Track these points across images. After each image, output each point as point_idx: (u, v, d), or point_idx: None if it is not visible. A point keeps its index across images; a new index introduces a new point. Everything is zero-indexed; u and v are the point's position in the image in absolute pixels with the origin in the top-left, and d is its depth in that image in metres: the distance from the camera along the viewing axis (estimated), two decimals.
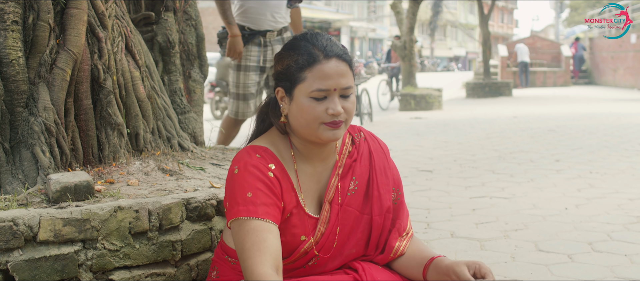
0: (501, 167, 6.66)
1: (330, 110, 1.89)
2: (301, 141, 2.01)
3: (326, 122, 1.91)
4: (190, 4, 4.06)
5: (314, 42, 1.96)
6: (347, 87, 1.93)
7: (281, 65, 1.98)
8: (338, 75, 1.92)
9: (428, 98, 15.60)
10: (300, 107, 1.91)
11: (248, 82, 5.24)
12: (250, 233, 1.83)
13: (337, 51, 1.95)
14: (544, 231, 4.06)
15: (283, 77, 1.96)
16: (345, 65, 1.95)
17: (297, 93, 1.92)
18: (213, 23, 37.71)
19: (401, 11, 16.84)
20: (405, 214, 2.20)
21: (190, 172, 2.95)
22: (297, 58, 1.93)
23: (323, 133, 1.92)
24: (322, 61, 1.92)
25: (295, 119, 1.94)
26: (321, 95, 1.90)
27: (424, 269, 2.03)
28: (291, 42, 2.01)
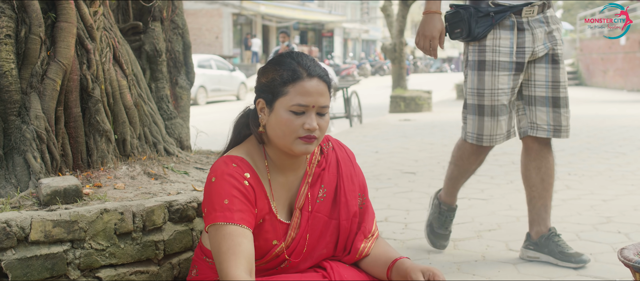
0: (483, 169, 6.81)
1: (306, 124, 2.06)
2: (275, 152, 2.17)
3: (301, 136, 2.07)
4: (177, 13, 4.22)
5: (299, 61, 2.13)
6: (324, 106, 2.11)
7: (265, 78, 2.14)
8: (318, 93, 2.08)
9: (418, 100, 15.79)
10: (279, 119, 2.08)
11: (498, 87, 3.51)
12: (227, 238, 2.00)
13: (319, 72, 2.13)
14: (516, 232, 4.24)
15: (266, 89, 2.13)
16: (325, 86, 2.12)
17: (278, 106, 2.08)
18: (206, 24, 37.90)
19: (391, 14, 17.04)
20: (371, 217, 2.35)
21: (175, 175, 3.12)
22: (282, 73, 2.10)
23: (297, 146, 2.09)
24: (304, 79, 2.08)
25: (273, 130, 2.11)
26: (300, 110, 2.06)
27: (388, 270, 2.19)
28: (277, 58, 2.18)
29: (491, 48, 3.50)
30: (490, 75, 3.51)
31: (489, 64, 3.51)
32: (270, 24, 42.43)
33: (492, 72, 3.50)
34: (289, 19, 43.11)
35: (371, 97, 22.75)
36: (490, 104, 3.52)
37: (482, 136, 3.59)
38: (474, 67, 3.56)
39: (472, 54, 3.57)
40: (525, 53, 3.49)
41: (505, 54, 3.48)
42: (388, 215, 4.81)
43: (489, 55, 3.51)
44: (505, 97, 3.52)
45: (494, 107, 3.52)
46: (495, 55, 3.49)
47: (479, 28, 3.48)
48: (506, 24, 3.47)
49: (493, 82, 3.51)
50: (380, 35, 57.27)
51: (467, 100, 3.64)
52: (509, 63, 3.49)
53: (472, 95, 3.59)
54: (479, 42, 3.52)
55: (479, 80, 3.54)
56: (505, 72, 3.50)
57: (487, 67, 3.51)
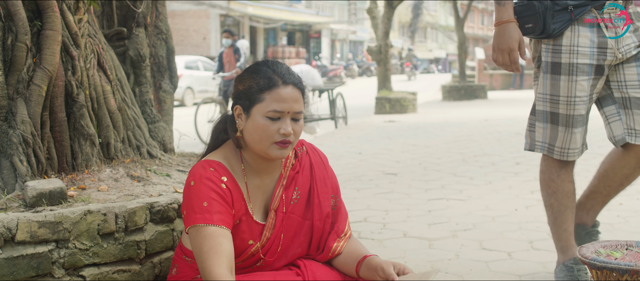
0: (463, 170, 6.98)
1: (282, 130, 2.18)
2: (252, 156, 2.29)
3: (277, 141, 2.19)
4: (161, 19, 4.34)
5: (274, 69, 2.25)
6: (299, 112, 2.23)
7: (243, 86, 2.26)
8: (292, 100, 2.20)
9: (403, 101, 15.95)
10: (256, 124, 2.20)
11: (575, 95, 3.07)
12: (207, 238, 2.11)
13: (294, 80, 2.25)
14: (490, 231, 4.37)
15: (243, 96, 2.25)
16: (299, 93, 2.24)
17: (255, 112, 2.20)
18: (193, 25, 37.95)
19: (377, 16, 17.18)
20: (344, 217, 2.47)
21: (157, 178, 3.23)
22: (258, 80, 2.22)
23: (273, 151, 2.21)
24: (280, 86, 2.20)
25: (250, 135, 2.22)
26: (276, 116, 2.18)
27: (357, 266, 2.32)
28: (253, 66, 2.30)
29: (568, 48, 3.05)
30: (567, 80, 3.06)
31: (565, 67, 3.06)
32: (257, 26, 42.52)
33: (568, 76, 3.05)
34: (277, 20, 43.22)
35: (358, 98, 22.90)
36: (565, 113, 3.09)
37: (554, 147, 3.17)
38: (546, 69, 3.12)
39: (545, 54, 3.13)
40: (607, 54, 3.05)
41: (584, 56, 3.03)
42: (367, 215, 4.93)
43: (565, 57, 3.06)
44: (582, 106, 3.07)
45: (569, 116, 3.08)
46: (573, 56, 3.04)
47: (555, 24, 3.03)
48: (586, 20, 3.04)
49: (570, 88, 3.05)
50: (367, 36, 57.50)
51: (536, 106, 3.22)
52: (589, 66, 3.04)
53: (543, 101, 3.15)
54: (553, 40, 3.08)
55: (552, 85, 3.10)
56: (584, 77, 3.04)
57: (563, 71, 3.06)
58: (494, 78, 28.65)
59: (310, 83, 11.93)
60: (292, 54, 42.11)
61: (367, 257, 2.31)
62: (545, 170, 3.29)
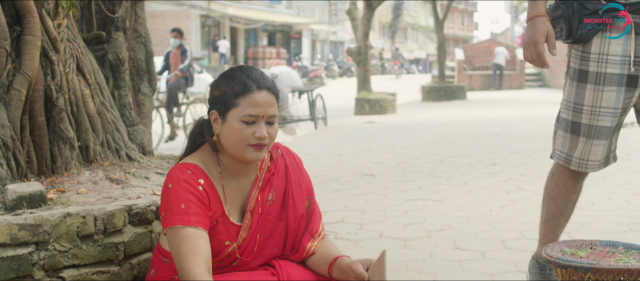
0: (440, 171, 7.07)
1: (257, 133, 2.25)
2: (228, 159, 2.35)
3: (252, 143, 2.26)
4: (140, 23, 4.38)
5: (249, 74, 2.32)
6: (273, 115, 2.29)
7: (218, 91, 2.33)
8: (267, 104, 2.27)
9: (382, 102, 16.06)
10: (231, 128, 2.26)
11: (601, 105, 2.90)
12: (185, 239, 2.18)
13: (268, 85, 2.31)
14: (465, 231, 4.46)
15: (219, 101, 2.31)
16: (273, 97, 2.31)
17: (230, 117, 2.27)
18: (174, 26, 37.82)
19: (356, 17, 17.27)
20: (318, 218, 2.54)
21: (136, 180, 3.28)
22: (234, 86, 2.28)
23: (249, 153, 2.27)
24: (254, 91, 2.27)
25: (226, 139, 2.29)
26: (251, 120, 2.25)
27: (329, 267, 2.39)
28: (228, 72, 2.36)
29: (597, 57, 2.86)
30: (593, 89, 2.87)
31: (592, 76, 2.87)
32: (238, 26, 42.49)
33: (595, 86, 2.87)
34: (257, 21, 43.20)
35: (338, 98, 22.97)
36: (587, 123, 2.92)
37: (572, 158, 3.00)
38: (573, 76, 2.95)
39: (573, 61, 2.96)
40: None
41: (614, 65, 2.83)
42: (345, 216, 5.01)
43: (593, 65, 2.87)
44: (608, 118, 2.89)
45: (591, 127, 2.91)
46: (602, 65, 2.85)
47: (583, 29, 2.84)
48: (620, 27, 2.80)
49: (595, 98, 2.88)
50: (348, 37, 57.57)
51: (560, 113, 3.06)
52: (619, 76, 2.83)
53: (567, 109, 2.99)
54: (582, 46, 2.90)
55: (577, 93, 2.92)
56: (612, 87, 2.85)
57: (590, 80, 2.88)
58: (473, 78, 28.88)
59: (290, 85, 11.98)
60: (272, 55, 42.10)
61: (338, 258, 2.38)
62: (555, 173, 3.12)
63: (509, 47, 31.27)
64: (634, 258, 2.56)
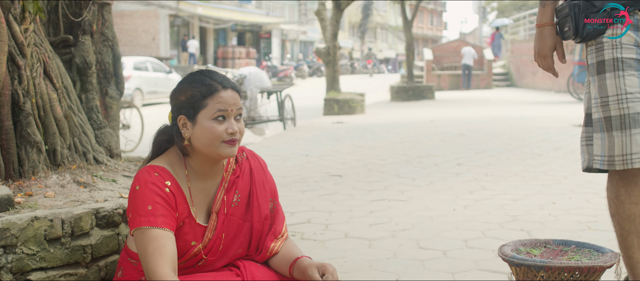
0: (406, 171, 7.18)
1: (229, 129, 2.33)
2: (198, 161, 2.42)
3: (225, 140, 2.33)
4: (107, 26, 4.42)
5: (212, 77, 2.40)
6: (240, 111, 2.39)
7: (184, 96, 2.39)
8: (233, 101, 2.36)
9: (351, 102, 16.17)
10: (204, 129, 2.33)
11: (626, 91, 2.70)
12: (152, 240, 2.24)
13: (231, 84, 2.40)
14: (428, 231, 4.56)
15: (186, 105, 2.38)
16: (237, 94, 2.41)
17: (201, 118, 2.34)
18: (142, 26, 37.66)
19: (325, 18, 17.36)
20: (281, 220, 2.62)
21: (103, 183, 3.33)
22: (200, 88, 2.36)
23: (223, 150, 2.34)
24: (220, 90, 2.35)
25: (199, 140, 2.36)
26: (221, 116, 2.32)
27: (290, 267, 2.47)
28: (190, 76, 2.43)
29: (610, 43, 2.73)
30: (613, 76, 2.71)
31: (609, 63, 2.73)
32: (207, 26, 42.38)
33: (614, 72, 2.71)
34: (227, 21, 43.13)
35: (307, 98, 23.05)
36: (618, 114, 2.69)
37: (614, 158, 2.70)
38: (593, 71, 2.79)
39: (590, 57, 2.82)
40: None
41: (629, 49, 2.70)
42: (311, 216, 5.09)
43: (608, 53, 2.74)
44: (638, 103, 2.67)
45: (623, 116, 2.68)
46: (617, 51, 2.72)
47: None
48: (614, 33, 2.73)
49: (618, 85, 2.70)
50: (318, 37, 57.67)
51: (592, 115, 2.82)
52: (636, 61, 2.70)
53: (596, 108, 2.78)
54: (595, 40, 2.79)
55: (600, 86, 2.75)
56: (633, 71, 2.69)
57: (608, 68, 2.73)
58: (442, 78, 29.15)
59: (259, 86, 12.03)
60: (242, 55, 42.06)
61: (298, 259, 2.46)
62: (608, 188, 2.82)
63: (477, 47, 31.58)
64: (584, 256, 2.67)
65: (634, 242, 2.73)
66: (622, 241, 2.76)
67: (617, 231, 2.78)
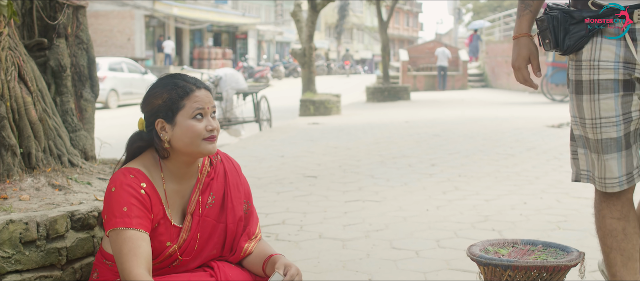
0: (381, 172, 7.25)
1: (208, 126, 2.39)
2: (175, 163, 2.46)
3: (206, 137, 2.39)
4: (82, 29, 4.43)
5: (185, 79, 2.46)
6: (214, 108, 2.46)
7: (160, 100, 2.44)
8: (208, 99, 2.43)
9: (327, 103, 16.24)
10: (184, 129, 2.39)
11: (600, 116, 2.64)
12: (127, 241, 2.28)
13: (204, 84, 2.47)
14: (401, 231, 4.63)
15: (164, 108, 2.42)
16: (210, 94, 2.48)
17: (180, 119, 2.39)
18: (118, 26, 37.47)
19: (301, 19, 17.41)
20: (255, 221, 2.67)
21: (78, 186, 3.35)
22: (176, 90, 2.41)
23: (204, 147, 2.40)
24: (195, 90, 2.42)
25: (180, 140, 2.41)
26: (199, 113, 2.39)
27: (263, 263, 2.54)
28: (162, 81, 2.48)
29: (588, 64, 2.64)
30: (589, 100, 2.65)
31: (586, 84, 2.65)
32: (183, 27, 42.26)
33: (590, 95, 2.64)
34: (203, 21, 43.03)
35: (283, 99, 23.10)
36: (593, 138, 2.66)
37: (595, 178, 2.70)
38: (572, 88, 2.74)
39: (570, 72, 2.75)
40: (635, 70, 2.58)
41: (606, 70, 2.61)
42: (286, 217, 5.13)
43: (586, 74, 2.65)
44: (612, 129, 2.61)
45: (598, 141, 2.64)
46: (594, 72, 2.63)
47: (570, 39, 2.66)
48: (610, 32, 2.61)
49: (593, 109, 2.64)
50: (294, 37, 57.69)
51: (573, 130, 2.80)
52: (614, 82, 2.60)
53: (575, 124, 2.76)
54: (575, 55, 2.70)
55: (577, 106, 2.71)
56: (609, 94, 2.61)
57: (585, 90, 2.66)
58: (418, 79, 29.33)
59: (234, 87, 12.05)
60: (218, 55, 41.99)
61: (272, 256, 2.53)
62: (594, 201, 2.79)
63: (452, 48, 31.80)
64: (550, 255, 2.74)
65: (616, 259, 2.68)
66: (606, 258, 2.72)
67: (601, 247, 2.73)
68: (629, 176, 2.63)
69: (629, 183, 2.63)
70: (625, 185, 2.63)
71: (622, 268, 2.66)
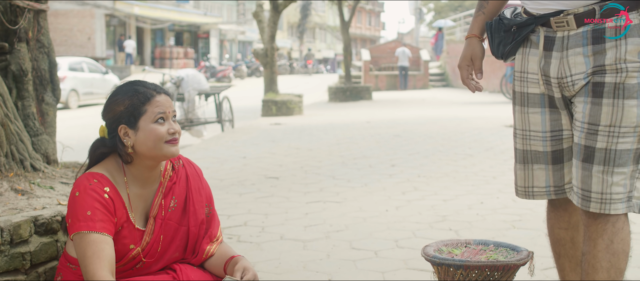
0: (342, 173, 7.35)
1: (170, 129, 2.47)
2: (138, 167, 2.53)
3: (168, 140, 2.47)
4: (43, 33, 4.45)
5: (144, 85, 2.54)
6: (175, 113, 2.54)
7: (122, 106, 2.51)
8: (168, 103, 2.52)
9: (289, 104, 16.32)
10: (147, 133, 2.46)
11: (529, 129, 2.63)
12: (91, 244, 2.34)
13: (162, 89, 2.56)
14: (361, 231, 4.73)
15: (126, 114, 2.49)
16: (170, 98, 2.56)
17: (143, 124, 2.47)
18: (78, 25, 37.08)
19: (263, 19, 17.46)
20: (216, 224, 2.75)
21: (41, 190, 3.39)
22: (137, 96, 2.49)
23: (167, 150, 2.48)
24: (155, 96, 2.50)
25: (143, 145, 2.48)
26: (161, 117, 2.47)
27: (225, 265, 2.62)
28: (122, 88, 2.55)
29: (519, 75, 2.62)
30: (520, 111, 2.65)
31: (518, 96, 2.65)
32: (144, 26, 41.97)
33: (521, 107, 2.64)
34: (164, 21, 42.78)
35: (246, 99, 23.12)
36: (521, 148, 2.66)
37: (517, 187, 2.73)
38: (512, 98, 2.72)
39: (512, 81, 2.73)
40: (552, 84, 2.50)
41: (533, 84, 2.56)
42: (248, 219, 5.20)
43: (518, 85, 2.64)
44: (539, 143, 2.59)
45: (526, 152, 2.65)
46: (524, 85, 2.60)
47: (504, 47, 2.62)
48: (534, 42, 2.53)
49: (523, 120, 2.64)
50: (256, 37, 57.60)
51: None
52: (540, 96, 2.56)
53: (513, 136, 2.74)
54: (514, 63, 2.69)
55: (513, 116, 2.72)
56: (536, 109, 2.58)
57: (517, 101, 2.65)
58: (379, 79, 29.54)
59: (196, 88, 12.06)
60: (180, 55, 41.80)
61: (233, 257, 2.61)
62: (546, 210, 2.81)
63: (413, 48, 32.08)
64: (501, 254, 2.86)
65: (565, 265, 2.73)
66: (556, 262, 2.78)
67: (552, 252, 2.79)
68: (557, 189, 2.63)
69: (557, 194, 2.64)
70: (553, 195, 2.64)
71: (571, 272, 2.73)
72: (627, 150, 2.33)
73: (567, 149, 2.57)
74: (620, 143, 2.33)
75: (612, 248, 2.35)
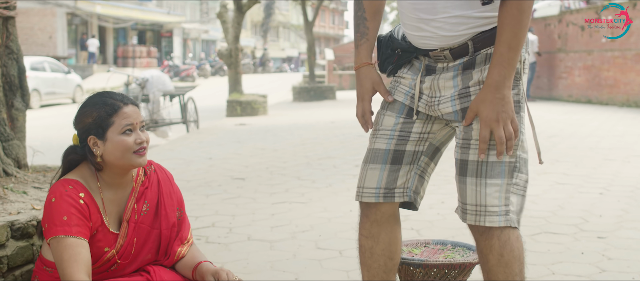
0: (307, 174, 7.50)
1: (138, 140, 2.57)
2: (110, 174, 2.64)
3: (136, 150, 2.57)
4: (12, 39, 4.52)
5: (112, 96, 2.65)
6: (143, 122, 2.65)
7: (90, 118, 2.62)
8: (136, 114, 2.61)
9: (253, 104, 16.42)
10: (115, 144, 2.56)
11: (381, 126, 2.65)
12: (67, 248, 2.46)
13: (131, 100, 2.66)
14: (326, 232, 4.88)
15: (94, 126, 2.60)
16: (137, 107, 2.67)
17: (111, 135, 2.57)
18: (39, 24, 36.67)
19: (227, 20, 17.53)
20: (187, 227, 2.87)
21: (14, 195, 3.48)
22: (105, 108, 2.60)
23: (135, 160, 2.58)
24: (123, 107, 2.60)
25: (112, 155, 2.59)
26: (128, 129, 2.57)
27: (193, 271, 2.74)
28: (91, 99, 2.66)
29: (393, 83, 2.67)
30: (380, 113, 2.67)
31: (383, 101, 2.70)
32: (106, 25, 41.64)
33: (382, 109, 2.67)
34: (126, 20, 42.50)
35: (210, 97, 23.16)
36: (368, 148, 2.68)
37: (356, 188, 2.72)
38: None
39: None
40: (422, 99, 2.57)
41: (400, 93, 2.62)
42: (215, 220, 5.32)
43: (390, 86, 2.69)
44: (384, 140, 2.60)
45: (369, 151, 2.66)
46: (394, 89, 2.65)
47: (389, 64, 2.67)
48: (415, 66, 2.61)
49: (378, 119, 2.66)
50: (220, 35, 57.42)
51: None
52: (402, 104, 2.60)
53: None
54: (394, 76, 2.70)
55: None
56: (393, 113, 2.61)
57: (382, 103, 2.69)
58: (343, 78, 29.75)
59: (161, 88, 12.10)
60: (143, 54, 41.53)
61: (200, 263, 2.74)
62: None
63: None
64: (458, 254, 3.03)
65: (364, 273, 2.73)
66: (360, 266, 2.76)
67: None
68: (387, 191, 2.60)
69: (385, 198, 2.61)
70: (381, 198, 2.61)
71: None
72: (499, 162, 2.38)
73: (408, 152, 2.60)
74: (491, 155, 2.39)
75: (503, 261, 2.38)
